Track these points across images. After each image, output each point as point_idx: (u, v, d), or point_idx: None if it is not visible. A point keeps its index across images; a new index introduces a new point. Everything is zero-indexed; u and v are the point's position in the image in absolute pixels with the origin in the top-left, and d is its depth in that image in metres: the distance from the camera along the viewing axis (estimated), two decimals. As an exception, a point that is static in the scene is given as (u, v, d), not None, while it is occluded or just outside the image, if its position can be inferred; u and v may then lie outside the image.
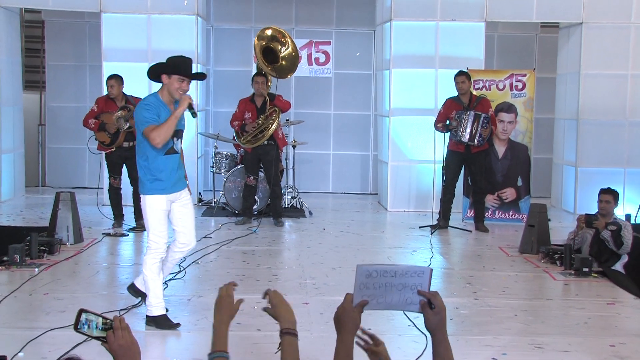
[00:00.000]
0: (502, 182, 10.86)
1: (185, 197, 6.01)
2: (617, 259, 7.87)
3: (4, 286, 6.74)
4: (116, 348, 2.64)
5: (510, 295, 6.90)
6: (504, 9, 11.57)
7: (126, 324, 2.69)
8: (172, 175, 5.84)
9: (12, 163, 11.90)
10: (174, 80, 5.92)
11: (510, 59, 13.45)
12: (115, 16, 11.50)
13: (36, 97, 14.20)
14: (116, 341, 2.63)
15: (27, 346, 5.08)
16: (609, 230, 7.79)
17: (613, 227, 7.78)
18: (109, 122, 9.33)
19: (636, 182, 11.25)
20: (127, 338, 2.66)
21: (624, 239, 7.76)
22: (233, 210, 10.80)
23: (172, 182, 5.84)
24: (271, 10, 13.67)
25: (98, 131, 9.39)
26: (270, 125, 9.99)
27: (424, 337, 5.51)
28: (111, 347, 2.64)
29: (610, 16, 11.51)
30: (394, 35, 11.61)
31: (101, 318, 2.67)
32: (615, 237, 7.76)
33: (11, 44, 11.93)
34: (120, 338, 2.64)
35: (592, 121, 11.60)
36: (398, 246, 9.19)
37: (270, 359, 5.02)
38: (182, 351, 5.15)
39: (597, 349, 5.37)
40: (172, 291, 6.73)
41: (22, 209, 11.06)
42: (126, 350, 2.64)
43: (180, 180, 5.96)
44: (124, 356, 2.64)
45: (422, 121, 11.47)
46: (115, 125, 9.31)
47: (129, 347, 2.65)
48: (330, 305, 6.47)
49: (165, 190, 5.78)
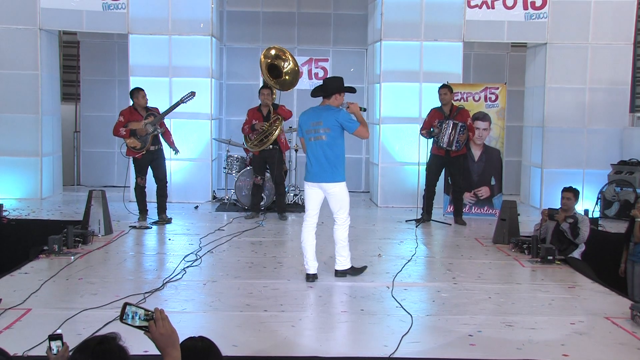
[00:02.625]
0: (477, 182, 10.86)
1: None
2: (575, 247, 7.96)
3: (44, 272, 6.74)
4: (158, 337, 2.63)
5: (484, 280, 6.89)
6: (479, 30, 11.57)
7: (166, 315, 2.68)
8: None
9: (51, 165, 11.88)
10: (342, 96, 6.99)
11: (484, 74, 13.45)
12: (140, 37, 11.49)
13: (72, 107, 14.19)
14: (157, 330, 2.63)
15: (64, 324, 5.07)
16: (567, 222, 7.88)
17: (570, 220, 7.92)
18: (138, 129, 9.36)
19: (594, 181, 11.24)
20: (167, 327, 2.65)
21: (580, 230, 7.85)
22: (243, 206, 10.79)
23: None
24: (276, 32, 13.66)
25: (129, 137, 9.40)
26: (274, 131, 9.99)
27: (410, 316, 5.52)
28: (153, 336, 2.64)
29: (570, 38, 11.52)
30: (384, 53, 11.59)
31: (143, 310, 2.66)
32: (572, 229, 7.85)
33: (51, 61, 11.92)
34: (161, 327, 2.64)
35: (555, 128, 11.61)
36: (387, 237, 9.17)
37: (275, 337, 5.03)
38: (198, 329, 5.13)
39: (560, 327, 5.37)
40: (190, 277, 6.72)
41: (60, 205, 11.05)
42: (167, 338, 2.64)
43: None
44: (165, 343, 2.64)
45: (408, 128, 11.46)
46: (144, 130, 9.34)
47: (169, 336, 2.65)
48: (328, 289, 6.50)
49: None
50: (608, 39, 11.52)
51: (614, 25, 11.52)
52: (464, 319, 5.53)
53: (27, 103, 11.26)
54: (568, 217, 7.92)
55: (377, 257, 7.79)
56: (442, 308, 5.94)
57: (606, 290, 6.54)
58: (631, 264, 7.61)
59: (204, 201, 11.56)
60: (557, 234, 8.00)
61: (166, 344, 2.63)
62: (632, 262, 7.59)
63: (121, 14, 11.36)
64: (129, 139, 9.41)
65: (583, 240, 7.92)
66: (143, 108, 9.51)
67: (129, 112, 9.53)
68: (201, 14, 11.55)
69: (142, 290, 6.09)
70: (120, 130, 9.42)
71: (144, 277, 6.85)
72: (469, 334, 5.14)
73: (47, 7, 11.24)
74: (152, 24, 11.47)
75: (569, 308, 5.95)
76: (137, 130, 9.37)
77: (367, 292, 6.29)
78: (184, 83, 11.27)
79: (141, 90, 9.56)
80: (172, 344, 2.65)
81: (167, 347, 2.63)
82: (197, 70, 11.56)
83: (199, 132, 11.61)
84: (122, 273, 6.99)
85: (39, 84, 11.30)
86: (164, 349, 2.63)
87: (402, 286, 6.51)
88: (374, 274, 7.01)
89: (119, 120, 9.51)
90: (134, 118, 9.44)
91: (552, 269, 7.38)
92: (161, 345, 2.63)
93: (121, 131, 9.41)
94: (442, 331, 5.25)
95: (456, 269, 7.34)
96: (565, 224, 7.90)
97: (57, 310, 5.48)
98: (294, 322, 5.35)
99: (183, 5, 11.49)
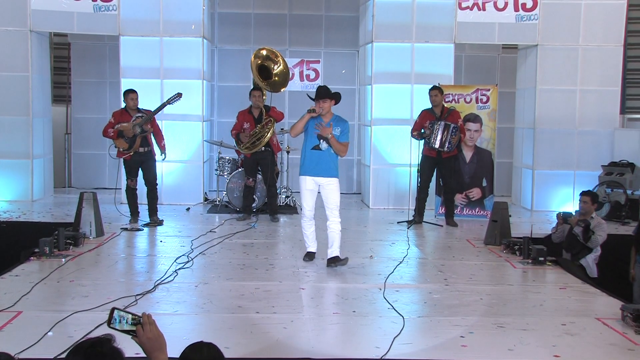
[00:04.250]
0: (469, 183, 10.88)
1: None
2: (588, 252, 7.89)
3: (35, 274, 6.71)
4: (145, 341, 2.64)
5: (476, 281, 6.91)
6: (470, 32, 11.60)
7: (153, 319, 2.68)
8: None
9: (42, 167, 11.83)
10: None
11: (475, 75, 13.48)
12: (131, 39, 11.46)
13: (63, 109, 14.13)
14: (145, 334, 2.64)
15: (55, 326, 5.06)
16: (580, 226, 7.86)
17: (582, 224, 7.86)
18: (125, 130, 9.36)
19: (585, 182, 11.27)
20: (155, 331, 2.66)
21: (594, 234, 7.79)
22: (235, 208, 10.78)
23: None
24: (268, 33, 13.66)
25: (117, 138, 9.39)
26: (266, 134, 9.97)
27: (401, 318, 5.53)
28: (140, 340, 2.64)
29: (561, 39, 11.57)
30: (375, 55, 11.61)
31: (131, 315, 2.66)
32: (585, 233, 7.81)
33: (41, 63, 11.87)
34: (148, 332, 2.64)
35: (546, 130, 11.65)
36: (379, 239, 9.17)
37: (268, 339, 5.03)
38: (190, 331, 5.13)
39: (551, 327, 5.38)
40: (182, 279, 6.71)
41: (51, 207, 11.01)
42: (154, 342, 2.64)
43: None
44: (153, 347, 2.64)
45: (400, 130, 11.48)
46: (131, 131, 9.35)
47: (156, 339, 2.65)
48: (320, 291, 6.50)
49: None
50: (598, 41, 11.57)
51: (604, 27, 11.58)
52: (455, 320, 5.54)
53: (17, 105, 11.22)
54: (580, 220, 7.91)
55: (369, 259, 7.80)
56: (433, 309, 5.95)
57: (597, 291, 6.57)
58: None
59: (195, 203, 11.54)
60: (570, 237, 7.99)
61: (153, 348, 2.63)
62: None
63: (112, 15, 11.33)
64: (117, 140, 9.42)
65: (596, 245, 7.87)
66: (134, 110, 9.51)
67: (119, 114, 9.55)
68: (192, 16, 11.54)
69: (133, 293, 6.07)
70: (108, 130, 9.45)
71: (135, 279, 6.83)
72: (460, 335, 5.16)
73: (37, 8, 11.20)
74: (143, 25, 11.45)
75: (560, 309, 5.97)
76: (124, 131, 9.38)
77: (359, 294, 6.30)
78: (176, 85, 11.26)
79: (132, 92, 9.56)
80: (160, 348, 2.65)
81: (155, 351, 2.63)
82: (188, 72, 11.54)
83: (191, 134, 11.60)
84: (113, 275, 6.97)
85: (30, 86, 11.25)
86: (151, 353, 2.63)
87: (393, 288, 6.52)
88: (366, 276, 7.02)
89: (109, 121, 9.54)
90: (124, 119, 9.46)
91: (544, 270, 7.41)
92: (148, 350, 2.63)
93: (109, 132, 9.44)
94: (434, 332, 5.26)
95: (448, 270, 7.35)
96: (577, 227, 7.90)
97: (48, 312, 5.45)
98: (286, 324, 5.35)
99: (174, 6, 11.47)
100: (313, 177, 7.31)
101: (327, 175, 7.31)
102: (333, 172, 7.34)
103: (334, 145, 7.22)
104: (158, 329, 2.66)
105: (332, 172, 7.33)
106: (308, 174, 7.32)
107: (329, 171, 7.31)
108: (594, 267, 7.86)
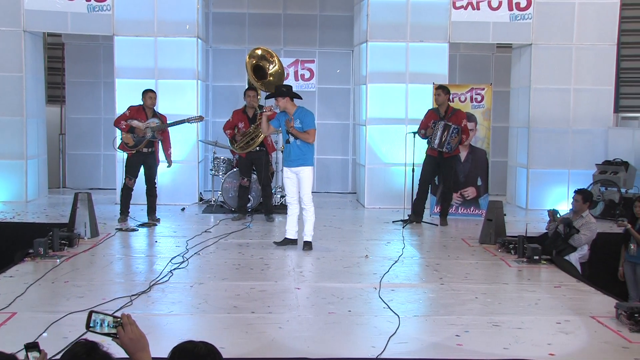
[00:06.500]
0: (464, 182, 10.88)
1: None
2: (572, 250, 7.92)
3: (29, 275, 6.70)
4: (127, 342, 2.60)
5: (471, 280, 6.92)
6: (465, 31, 11.61)
7: (133, 319, 2.65)
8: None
9: (36, 167, 11.80)
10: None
11: (470, 75, 13.49)
12: (126, 39, 11.43)
13: (57, 109, 14.08)
14: (126, 336, 2.60)
15: (50, 327, 5.05)
16: (563, 224, 7.92)
17: (565, 222, 7.95)
18: (137, 129, 9.45)
19: (579, 181, 11.27)
20: (136, 332, 2.62)
21: (578, 233, 7.81)
22: (230, 208, 10.76)
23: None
24: (262, 33, 13.64)
25: (127, 133, 9.45)
26: (260, 134, 9.96)
27: (397, 317, 5.53)
28: (122, 342, 2.61)
29: (555, 39, 11.59)
30: (370, 55, 11.61)
31: (111, 317, 2.63)
32: (566, 230, 7.85)
33: (35, 63, 11.84)
34: (129, 332, 2.61)
35: (541, 129, 11.66)
36: (374, 238, 9.18)
37: (263, 339, 5.02)
38: (186, 332, 5.12)
39: (546, 326, 5.40)
40: (177, 279, 6.70)
41: (46, 208, 10.97)
42: (136, 343, 2.61)
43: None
44: (135, 348, 2.61)
45: (395, 129, 11.48)
46: (143, 131, 9.42)
47: (138, 340, 2.62)
48: (315, 290, 6.49)
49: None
50: (592, 40, 11.60)
51: (598, 27, 11.60)
52: (451, 319, 5.55)
53: (11, 105, 11.18)
54: (565, 218, 7.97)
55: (364, 258, 7.80)
56: (429, 308, 5.97)
57: (591, 290, 6.59)
58: (632, 265, 7.64)
59: (190, 203, 11.52)
60: (554, 234, 8.06)
61: (136, 349, 2.61)
62: (632, 265, 7.62)
63: (106, 15, 11.30)
64: (126, 134, 9.48)
65: (579, 244, 7.90)
66: (151, 109, 9.62)
67: (136, 110, 9.66)
68: (187, 16, 11.52)
69: (128, 293, 6.06)
70: (121, 122, 9.58)
71: (130, 279, 6.82)
72: (456, 334, 5.16)
73: (31, 8, 11.16)
74: (138, 25, 11.42)
75: (555, 307, 5.99)
76: (136, 129, 9.46)
77: (354, 293, 6.30)
78: (170, 85, 11.25)
79: (150, 92, 9.73)
80: (142, 348, 2.62)
81: (137, 352, 2.61)
82: (182, 72, 11.52)
83: (185, 134, 11.55)
84: (108, 276, 6.96)
85: (24, 87, 11.21)
86: (134, 354, 2.60)
87: (389, 287, 6.52)
88: (361, 275, 7.02)
89: (124, 113, 9.67)
90: (139, 116, 9.56)
91: (539, 269, 7.42)
92: (131, 351, 2.60)
93: (122, 124, 9.56)
94: (429, 331, 5.27)
95: (443, 269, 7.35)
96: (561, 225, 7.95)
97: (43, 313, 5.44)
98: (282, 324, 5.35)
99: (168, 6, 11.45)
100: (289, 168, 8.19)
101: (297, 165, 8.11)
102: (302, 161, 8.10)
103: (298, 136, 8.02)
104: (139, 329, 2.63)
105: (301, 162, 8.10)
106: (286, 165, 8.32)
107: (298, 161, 8.10)
108: (577, 265, 7.88)
